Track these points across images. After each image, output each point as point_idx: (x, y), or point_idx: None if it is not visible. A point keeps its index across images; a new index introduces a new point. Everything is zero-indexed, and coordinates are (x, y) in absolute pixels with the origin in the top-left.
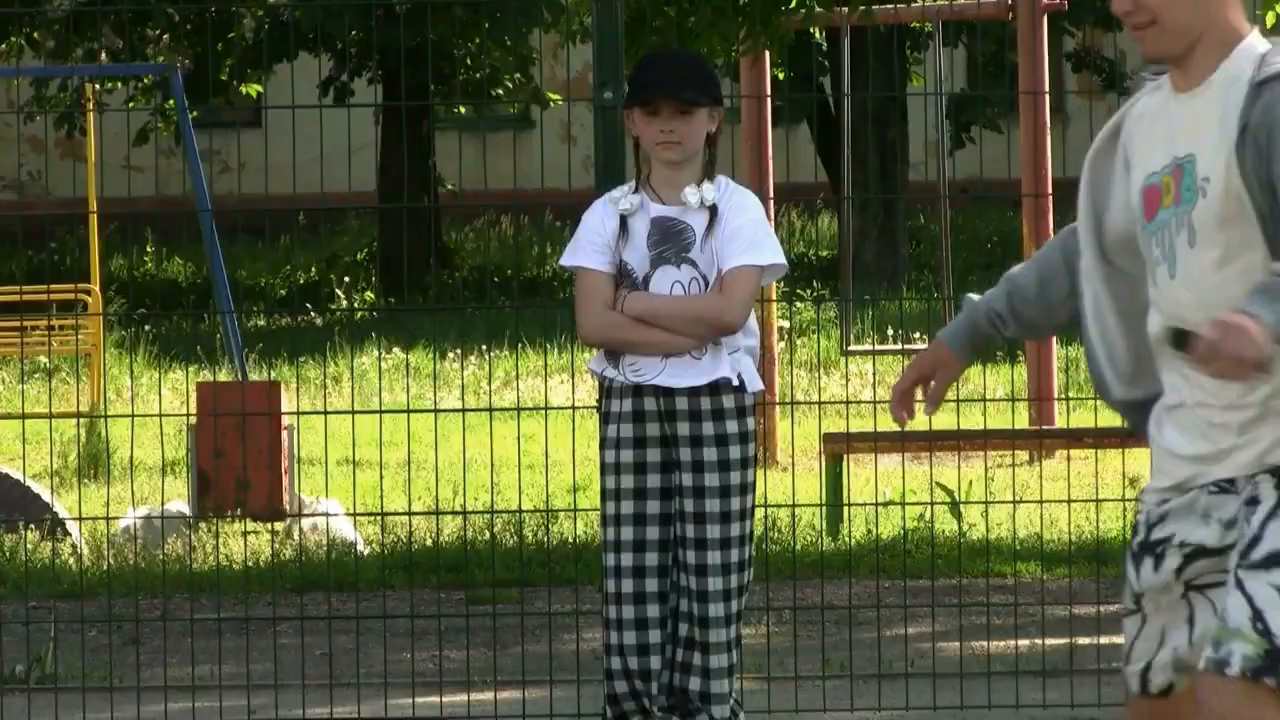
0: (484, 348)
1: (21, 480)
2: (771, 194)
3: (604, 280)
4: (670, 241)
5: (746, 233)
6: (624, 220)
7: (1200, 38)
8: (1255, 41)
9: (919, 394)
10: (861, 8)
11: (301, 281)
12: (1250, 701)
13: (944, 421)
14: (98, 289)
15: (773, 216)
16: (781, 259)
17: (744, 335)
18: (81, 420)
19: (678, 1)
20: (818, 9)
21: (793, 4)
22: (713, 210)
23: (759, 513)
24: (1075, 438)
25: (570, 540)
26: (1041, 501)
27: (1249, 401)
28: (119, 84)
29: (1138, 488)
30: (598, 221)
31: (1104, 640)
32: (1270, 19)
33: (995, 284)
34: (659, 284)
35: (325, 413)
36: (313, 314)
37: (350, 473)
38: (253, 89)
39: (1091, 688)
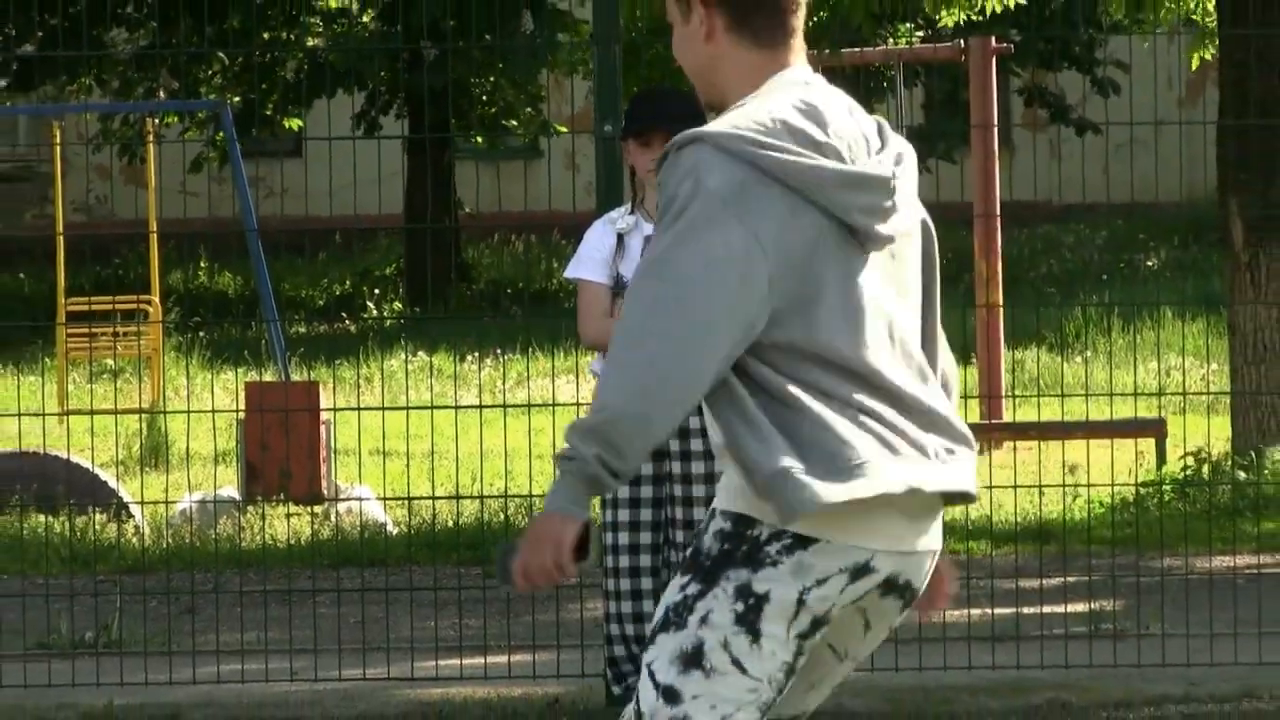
0: (498, 351)
1: (90, 469)
2: None
3: (603, 291)
4: None
5: None
6: (621, 238)
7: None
8: None
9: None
10: (829, 50)
11: (337, 293)
12: None
13: None
14: (157, 300)
15: None
16: None
17: None
18: (143, 416)
19: (667, 39)
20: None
21: None
22: None
23: None
24: (1020, 431)
25: None
26: (991, 487)
27: None
28: (176, 118)
29: (1076, 475)
30: (597, 239)
31: (1046, 609)
32: (1195, 62)
33: (949, 297)
34: None
35: (358, 409)
36: (347, 322)
37: (381, 462)
38: (294, 123)
39: (1035, 651)
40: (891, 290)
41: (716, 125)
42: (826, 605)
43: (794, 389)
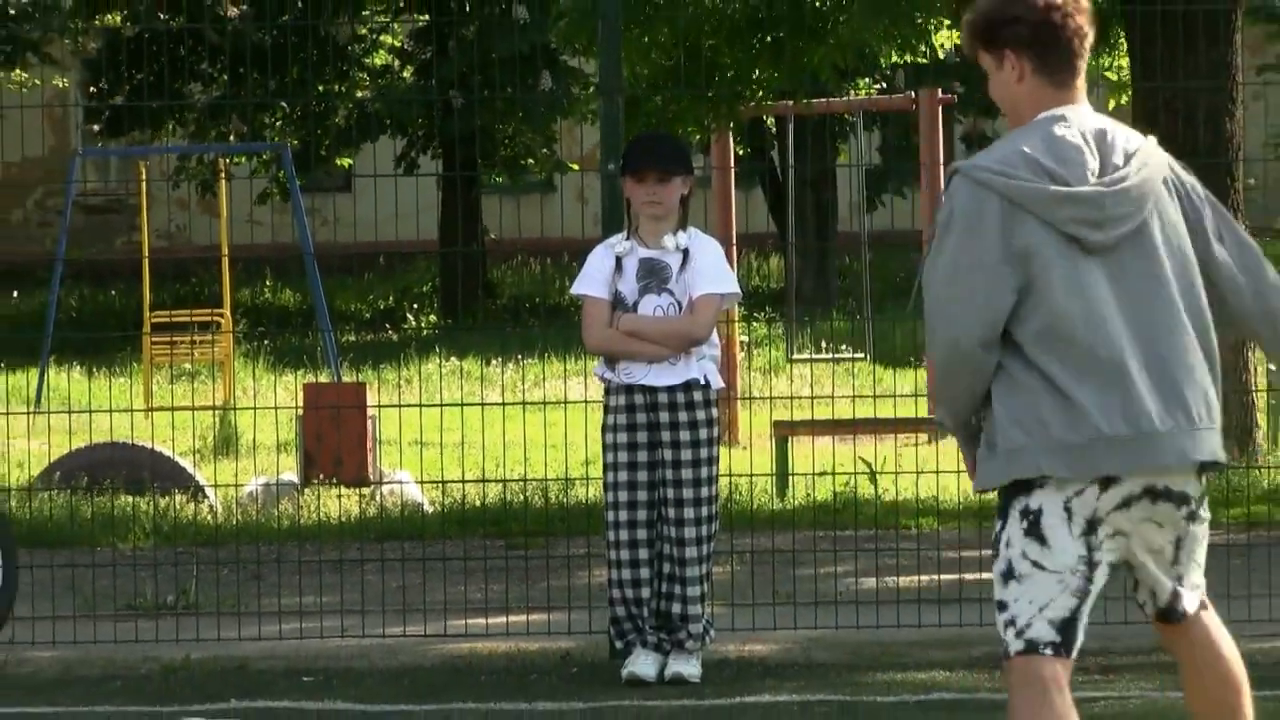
0: (519, 357)
1: (172, 457)
2: (734, 240)
3: (604, 305)
4: (654, 276)
5: (710, 269)
6: (619, 260)
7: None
8: None
9: None
10: (803, 100)
11: (381, 307)
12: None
13: (864, 412)
14: (228, 313)
15: (734, 258)
16: (737, 289)
17: (708, 346)
18: (216, 412)
19: (663, 92)
20: (768, 101)
21: (749, 96)
22: (685, 252)
23: (724, 481)
24: None
25: (582, 501)
26: (937, 472)
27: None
28: (243, 158)
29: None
30: (599, 261)
31: (984, 576)
32: (1111, 104)
33: (903, 309)
34: (645, 308)
35: (399, 406)
36: (390, 331)
37: (419, 451)
38: (344, 162)
39: (975, 611)
40: (1123, 285)
41: (972, 159)
42: (1091, 509)
43: (1033, 366)
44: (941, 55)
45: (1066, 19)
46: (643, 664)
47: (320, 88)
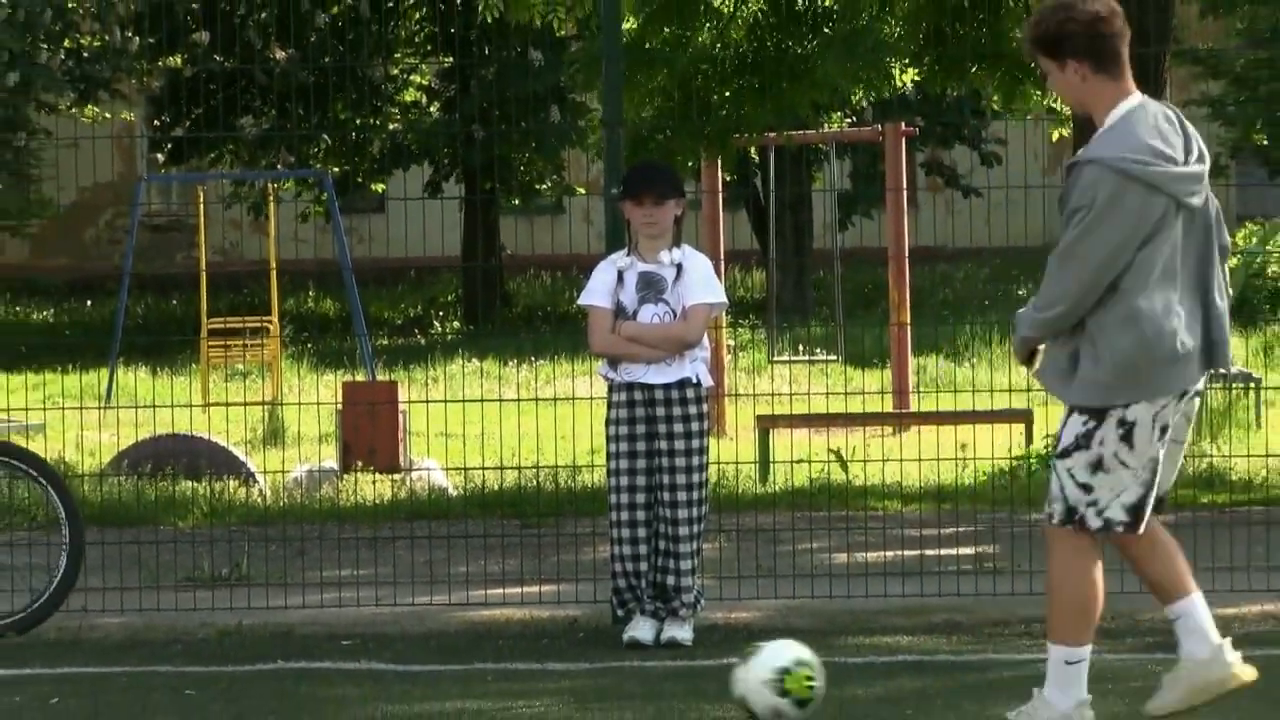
0: (532, 358)
1: (226, 446)
2: (721, 256)
3: (607, 314)
4: (651, 288)
5: (701, 281)
6: (620, 273)
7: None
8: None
9: None
10: (784, 132)
11: (411, 314)
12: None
13: (836, 407)
14: (276, 320)
15: (721, 271)
16: (724, 299)
17: (699, 349)
18: (265, 407)
19: (664, 129)
20: (754, 135)
21: (739, 130)
22: (679, 267)
23: (713, 468)
24: (924, 418)
25: (587, 486)
26: (901, 460)
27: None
28: (290, 184)
29: (965, 451)
30: (602, 274)
31: (942, 551)
32: (1055, 138)
33: (871, 317)
34: (643, 316)
35: (427, 402)
36: (419, 336)
37: (444, 441)
38: (379, 187)
39: (934, 583)
40: (1190, 238)
41: (1099, 148)
42: (1166, 418)
43: (1138, 304)
44: (903, 93)
45: (1109, 27)
46: (641, 629)
47: (357, 121)
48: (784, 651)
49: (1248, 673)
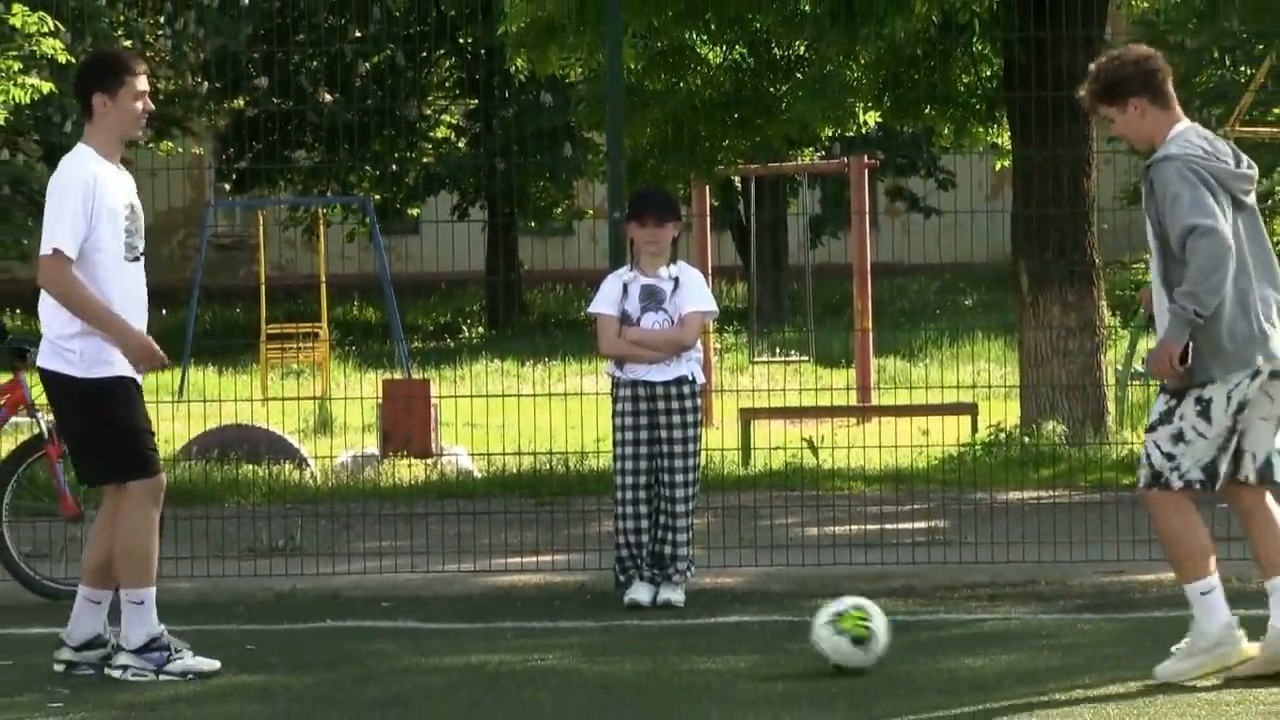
0: (546, 360)
1: (282, 435)
2: (709, 271)
3: (613, 320)
4: (652, 298)
5: (695, 293)
6: (625, 285)
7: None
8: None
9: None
10: (760, 163)
11: (441, 321)
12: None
13: (808, 401)
14: (325, 326)
15: (710, 282)
16: (715, 308)
17: (694, 351)
18: (316, 401)
19: (659, 159)
20: (737, 164)
21: (723, 160)
22: (676, 280)
23: (704, 454)
24: (883, 411)
25: (594, 469)
26: (864, 447)
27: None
28: (337, 209)
29: (928, 439)
30: (609, 286)
31: (900, 525)
32: (998, 168)
33: (838, 321)
34: (645, 322)
35: (456, 396)
36: (448, 340)
37: (470, 431)
38: (414, 211)
39: (893, 552)
40: (1247, 232)
41: (1170, 149)
42: (1242, 394)
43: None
44: (866, 130)
45: (1156, 64)
46: (640, 592)
47: (395, 155)
48: (843, 599)
49: None
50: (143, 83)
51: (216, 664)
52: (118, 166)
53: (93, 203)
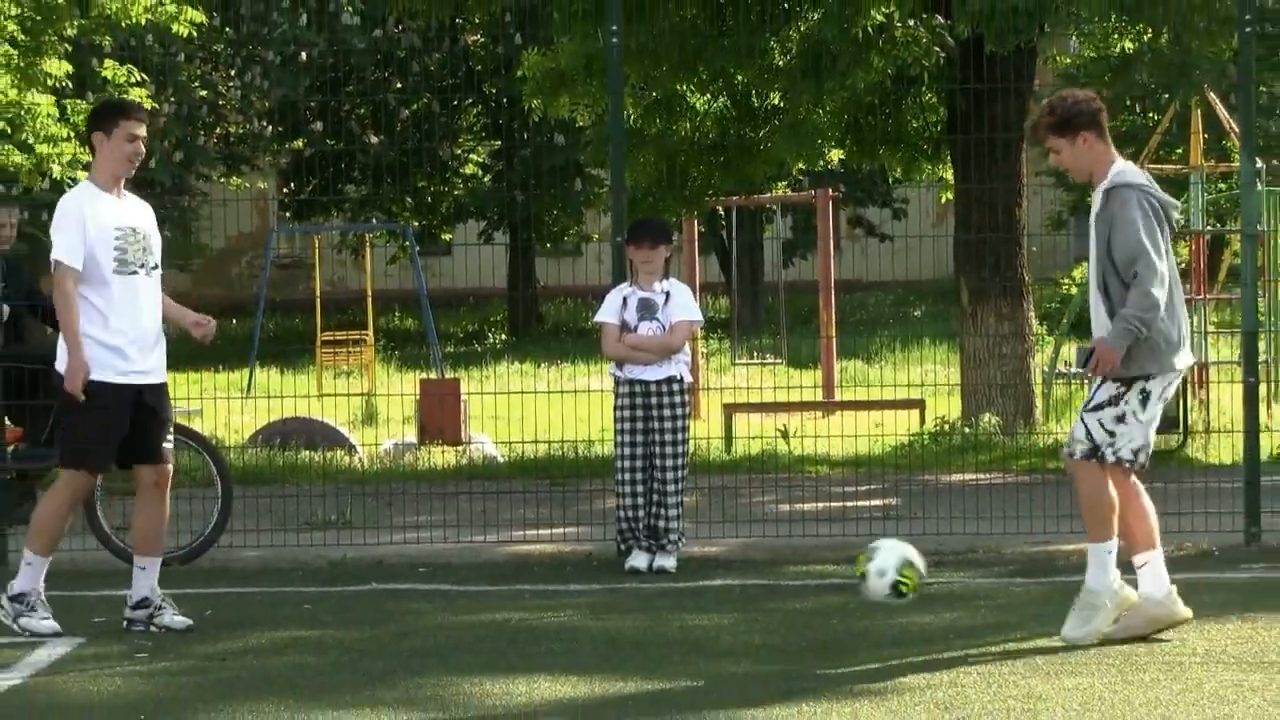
0: (558, 362)
1: (334, 426)
2: (697, 286)
3: (615, 328)
4: (648, 309)
5: (684, 305)
6: (624, 299)
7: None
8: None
9: None
10: (738, 195)
11: (470, 329)
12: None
13: (781, 397)
14: (371, 333)
15: (698, 297)
16: (700, 318)
17: (683, 354)
18: (363, 397)
19: (655, 193)
20: (722, 197)
21: (710, 194)
22: (667, 294)
23: (692, 442)
24: (845, 405)
25: (599, 455)
26: (829, 436)
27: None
28: (382, 234)
29: (881, 430)
30: (612, 300)
31: (860, 503)
32: (943, 200)
33: (807, 329)
34: (642, 330)
35: (482, 393)
36: (476, 346)
37: (495, 422)
38: (446, 236)
39: (854, 526)
40: (1172, 254)
41: (1135, 180)
42: (1172, 389)
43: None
44: (830, 167)
45: (1100, 105)
46: (638, 560)
47: (431, 188)
48: (888, 557)
49: (1187, 612)
50: (135, 128)
51: (55, 626)
52: (117, 196)
53: (84, 225)
